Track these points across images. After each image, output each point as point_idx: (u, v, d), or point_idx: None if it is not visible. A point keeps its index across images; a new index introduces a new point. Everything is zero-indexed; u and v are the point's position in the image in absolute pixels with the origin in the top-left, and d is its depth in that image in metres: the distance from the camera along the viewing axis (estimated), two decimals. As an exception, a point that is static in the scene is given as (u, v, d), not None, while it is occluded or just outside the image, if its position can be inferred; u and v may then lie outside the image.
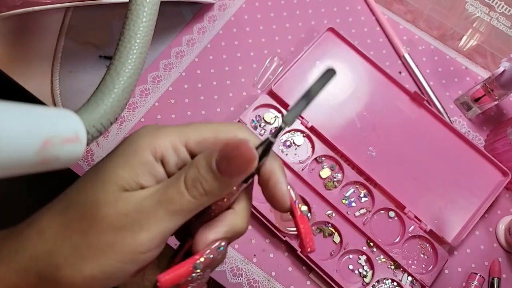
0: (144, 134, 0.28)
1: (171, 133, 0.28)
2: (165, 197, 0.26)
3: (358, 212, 0.54)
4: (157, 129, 0.28)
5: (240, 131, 0.29)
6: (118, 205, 0.26)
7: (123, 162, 0.27)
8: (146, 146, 0.27)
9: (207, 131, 0.28)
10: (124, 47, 0.32)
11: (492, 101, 0.56)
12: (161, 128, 0.28)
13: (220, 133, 0.28)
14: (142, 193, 0.27)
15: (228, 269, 0.53)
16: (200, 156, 0.27)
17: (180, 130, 0.28)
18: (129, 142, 0.28)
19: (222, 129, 0.28)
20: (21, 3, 0.46)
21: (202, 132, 0.28)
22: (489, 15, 0.60)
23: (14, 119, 0.23)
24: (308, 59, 0.59)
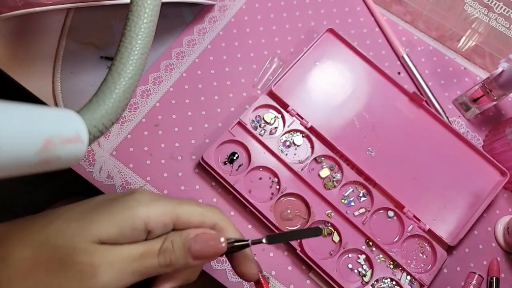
0: (142, 202, 0.30)
1: (166, 209, 0.31)
2: (139, 258, 0.30)
3: (357, 211, 0.55)
4: (155, 201, 0.31)
5: (221, 220, 0.34)
6: (94, 256, 0.28)
7: (116, 223, 0.29)
8: (142, 216, 0.30)
9: (196, 215, 0.32)
10: (125, 48, 0.33)
11: (491, 101, 0.57)
12: (157, 202, 0.31)
13: (206, 219, 0.33)
14: (119, 251, 0.29)
15: (229, 269, 0.53)
16: (177, 234, 0.32)
17: (173, 208, 0.31)
18: (125, 205, 0.30)
19: (208, 215, 0.33)
20: (23, 4, 0.47)
21: (191, 215, 0.32)
22: (488, 16, 0.60)
23: (15, 119, 0.23)
24: (308, 60, 0.60)
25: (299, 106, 0.58)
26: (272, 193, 0.55)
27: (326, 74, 0.60)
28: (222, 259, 0.53)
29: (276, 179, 0.55)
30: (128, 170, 0.56)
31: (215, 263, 0.53)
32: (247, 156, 0.56)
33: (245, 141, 0.56)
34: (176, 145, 0.57)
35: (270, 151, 0.56)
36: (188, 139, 0.58)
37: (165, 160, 0.57)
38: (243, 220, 0.55)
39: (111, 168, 0.56)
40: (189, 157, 0.57)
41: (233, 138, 0.56)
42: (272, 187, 0.55)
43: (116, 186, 0.55)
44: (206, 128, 0.58)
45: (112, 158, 0.56)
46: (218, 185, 0.56)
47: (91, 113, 0.31)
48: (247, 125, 0.56)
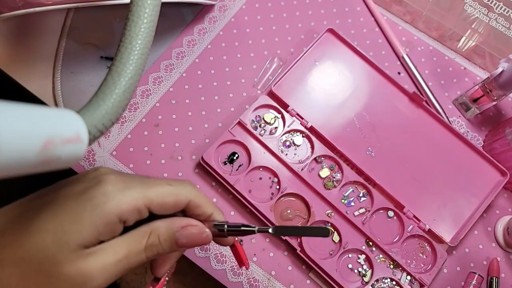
0: (110, 195, 0.29)
1: (136, 196, 0.30)
2: (125, 258, 0.30)
3: (357, 211, 0.55)
4: (124, 189, 0.30)
5: (195, 195, 0.33)
6: (80, 265, 0.28)
7: (90, 226, 0.29)
8: (114, 211, 0.29)
9: (168, 196, 0.32)
10: (125, 48, 0.33)
11: (491, 101, 0.57)
12: (127, 190, 0.30)
13: (180, 197, 0.33)
14: (104, 255, 0.29)
15: (229, 268, 0.53)
16: (162, 226, 0.32)
17: (144, 193, 0.31)
18: (93, 203, 0.29)
19: (181, 193, 0.33)
20: (23, 4, 0.47)
21: (164, 196, 0.32)
22: (488, 16, 0.60)
23: (15, 119, 0.23)
24: (308, 60, 0.60)
25: (299, 106, 0.58)
26: (272, 193, 0.55)
27: (326, 74, 0.60)
28: (222, 259, 0.53)
29: (276, 179, 0.55)
30: (128, 170, 0.56)
31: (215, 263, 0.53)
32: (247, 156, 0.56)
33: (245, 141, 0.56)
34: (176, 145, 0.57)
35: (270, 151, 0.56)
36: (188, 139, 0.58)
37: (165, 160, 0.57)
38: (243, 220, 0.55)
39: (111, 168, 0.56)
40: (189, 157, 0.57)
41: (233, 138, 0.56)
42: (272, 187, 0.55)
43: (116, 186, 0.55)
44: (206, 128, 0.58)
45: (112, 158, 0.56)
46: (218, 185, 0.56)
47: (91, 113, 0.31)
48: (247, 125, 0.56)
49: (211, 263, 0.53)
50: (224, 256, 0.54)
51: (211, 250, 0.54)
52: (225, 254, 0.54)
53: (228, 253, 0.54)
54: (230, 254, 0.54)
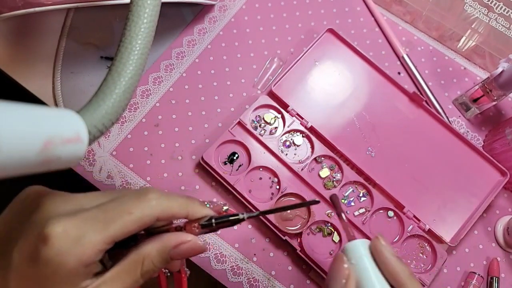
0: (64, 253, 0.27)
1: (96, 242, 0.28)
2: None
3: (357, 211, 0.55)
4: (78, 241, 0.27)
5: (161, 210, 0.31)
6: None
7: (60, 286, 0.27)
8: (76, 265, 0.27)
9: (131, 225, 0.29)
10: (125, 48, 0.33)
11: (491, 101, 0.57)
12: (82, 240, 0.27)
13: (145, 220, 0.30)
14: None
15: (229, 268, 0.53)
16: (154, 251, 0.31)
17: (103, 234, 0.28)
18: (52, 268, 0.27)
19: (144, 215, 0.30)
20: (23, 4, 0.47)
21: (126, 228, 0.29)
22: (488, 16, 0.60)
23: (15, 120, 0.23)
24: (308, 60, 0.60)
25: (299, 106, 0.58)
26: (272, 193, 0.55)
27: (326, 74, 0.60)
28: (222, 259, 0.53)
29: (276, 179, 0.55)
30: (128, 170, 0.56)
31: (215, 263, 0.53)
32: (247, 156, 0.56)
33: (245, 141, 0.56)
34: (176, 145, 0.57)
35: (270, 151, 0.56)
36: (188, 139, 0.58)
37: (165, 160, 0.57)
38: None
39: (111, 168, 0.56)
40: (189, 157, 0.57)
41: (233, 138, 0.56)
42: (272, 187, 0.55)
43: (116, 186, 0.55)
44: (206, 128, 0.58)
45: (112, 158, 0.56)
46: (218, 185, 0.56)
47: (91, 113, 0.31)
48: (247, 125, 0.56)
49: (211, 263, 0.53)
50: (224, 256, 0.54)
51: (211, 250, 0.54)
52: (225, 254, 0.54)
53: (228, 253, 0.54)
54: (230, 254, 0.54)
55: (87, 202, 0.30)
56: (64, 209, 0.29)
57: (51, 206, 0.29)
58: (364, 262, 0.34)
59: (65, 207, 0.29)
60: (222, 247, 0.54)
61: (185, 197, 0.33)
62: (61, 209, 0.29)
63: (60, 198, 0.30)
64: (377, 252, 0.34)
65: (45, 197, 0.29)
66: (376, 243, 0.34)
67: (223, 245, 0.54)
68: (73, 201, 0.30)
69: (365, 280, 0.33)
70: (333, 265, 0.34)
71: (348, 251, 0.35)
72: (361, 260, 0.34)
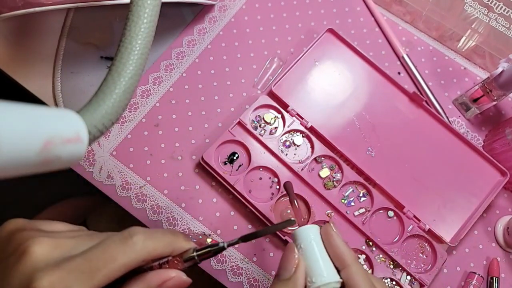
0: None
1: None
2: None
3: (357, 211, 0.55)
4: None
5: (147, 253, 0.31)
6: None
7: None
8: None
9: (118, 271, 0.29)
10: (125, 48, 0.33)
11: (491, 101, 0.57)
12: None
13: (131, 264, 0.30)
14: None
15: (229, 268, 0.53)
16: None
17: (90, 283, 0.28)
18: None
19: (131, 260, 0.30)
20: (23, 4, 0.47)
21: (113, 275, 0.29)
22: (488, 16, 0.60)
23: (15, 120, 0.23)
24: (308, 60, 0.60)
25: (299, 106, 0.58)
26: (272, 193, 0.55)
27: (326, 74, 0.60)
28: (222, 259, 0.53)
29: (276, 179, 0.55)
30: (128, 170, 0.56)
31: (215, 263, 0.53)
32: (247, 156, 0.56)
33: (245, 141, 0.56)
34: (176, 145, 0.57)
35: (270, 151, 0.56)
36: (188, 139, 0.58)
37: (165, 160, 0.57)
38: (243, 220, 0.55)
39: (111, 168, 0.56)
40: (189, 157, 0.57)
41: (233, 138, 0.56)
42: (272, 187, 0.55)
43: (116, 186, 0.55)
44: (206, 128, 0.58)
45: (112, 158, 0.56)
46: (218, 185, 0.56)
47: (91, 113, 0.31)
48: (247, 125, 0.56)
49: (211, 263, 0.53)
50: (224, 256, 0.54)
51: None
52: (225, 254, 0.54)
53: (228, 253, 0.54)
54: (230, 254, 0.54)
55: (74, 247, 0.30)
56: (51, 257, 0.28)
57: (38, 254, 0.28)
58: (312, 246, 0.36)
59: (52, 254, 0.28)
60: (222, 247, 0.54)
61: (169, 234, 0.33)
62: (48, 257, 0.28)
63: (47, 244, 0.29)
64: (327, 235, 0.36)
65: (31, 242, 0.28)
66: (327, 227, 0.36)
67: (223, 245, 0.54)
68: (60, 247, 0.29)
69: (312, 263, 0.35)
70: (284, 254, 0.36)
71: (298, 236, 0.37)
72: (310, 244, 0.36)
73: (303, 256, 0.36)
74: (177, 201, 0.55)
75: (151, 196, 0.55)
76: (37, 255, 0.28)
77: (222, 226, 0.55)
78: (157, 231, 0.32)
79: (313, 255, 0.35)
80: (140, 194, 0.55)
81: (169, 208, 0.55)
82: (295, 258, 0.35)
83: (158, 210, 0.55)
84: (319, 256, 0.35)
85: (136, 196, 0.55)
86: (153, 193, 0.55)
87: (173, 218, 0.55)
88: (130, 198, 0.55)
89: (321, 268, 0.35)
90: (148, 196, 0.55)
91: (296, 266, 0.34)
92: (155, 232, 0.32)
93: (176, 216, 0.55)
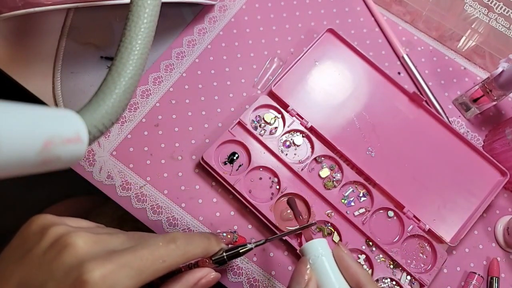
0: None
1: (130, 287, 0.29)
2: None
3: (357, 211, 0.55)
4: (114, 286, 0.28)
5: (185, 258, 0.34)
6: None
7: None
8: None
9: (161, 271, 0.32)
10: (125, 48, 0.33)
11: (491, 101, 0.57)
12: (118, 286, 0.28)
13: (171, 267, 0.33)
14: None
15: (229, 268, 0.53)
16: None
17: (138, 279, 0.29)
18: None
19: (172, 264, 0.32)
20: (22, 4, 0.47)
21: (158, 273, 0.31)
22: (488, 16, 0.60)
23: (15, 120, 0.23)
24: (308, 60, 0.60)
25: (299, 106, 0.58)
26: (272, 193, 0.55)
27: (326, 74, 0.60)
28: (222, 259, 0.53)
29: (276, 179, 0.55)
30: (128, 170, 0.56)
31: (215, 263, 0.53)
32: (247, 156, 0.56)
33: (245, 141, 0.56)
34: (176, 145, 0.57)
35: (270, 151, 0.56)
36: (188, 139, 0.58)
37: (165, 160, 0.57)
38: (243, 220, 0.55)
39: (111, 168, 0.56)
40: (189, 157, 0.57)
41: (233, 138, 0.56)
42: (272, 187, 0.55)
43: (116, 186, 0.55)
44: (206, 128, 0.58)
45: (112, 158, 0.56)
46: (218, 185, 0.56)
47: (91, 113, 0.31)
48: (247, 125, 0.56)
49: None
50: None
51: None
52: (225, 254, 0.54)
53: (228, 253, 0.54)
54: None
55: (114, 244, 0.31)
56: (94, 251, 0.29)
57: (82, 247, 0.29)
58: (322, 260, 0.36)
59: (94, 249, 0.29)
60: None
61: (205, 239, 0.37)
62: (91, 250, 0.29)
63: (89, 238, 0.30)
64: (338, 257, 0.37)
65: (74, 236, 0.29)
66: (338, 250, 0.37)
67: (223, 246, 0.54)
68: (101, 242, 0.30)
69: (324, 277, 0.36)
70: (296, 268, 0.37)
71: (307, 250, 0.38)
72: (319, 259, 0.37)
73: (314, 271, 0.36)
74: (177, 201, 0.55)
75: (151, 196, 0.55)
76: (81, 248, 0.29)
77: (222, 226, 0.55)
78: (194, 236, 0.36)
79: (324, 270, 0.36)
80: (140, 194, 0.55)
81: (169, 208, 0.55)
82: (307, 273, 0.36)
83: (158, 210, 0.55)
84: (329, 270, 0.36)
85: (136, 196, 0.55)
86: (153, 193, 0.55)
87: (173, 218, 0.55)
88: (130, 198, 0.55)
89: (333, 283, 0.35)
90: (148, 196, 0.55)
91: (308, 280, 0.36)
92: (194, 236, 0.35)
93: (176, 216, 0.55)
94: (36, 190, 0.68)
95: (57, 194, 0.69)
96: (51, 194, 0.69)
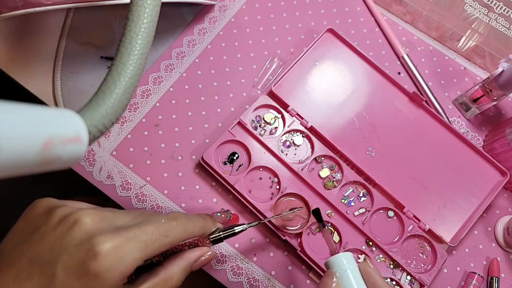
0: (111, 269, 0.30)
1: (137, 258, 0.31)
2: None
3: (357, 211, 0.55)
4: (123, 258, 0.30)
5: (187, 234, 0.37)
6: None
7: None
8: (119, 280, 0.31)
9: (164, 247, 0.34)
10: (125, 48, 0.33)
11: (491, 101, 0.57)
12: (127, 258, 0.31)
13: (173, 243, 0.35)
14: None
15: (229, 268, 0.53)
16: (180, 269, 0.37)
17: (143, 252, 0.32)
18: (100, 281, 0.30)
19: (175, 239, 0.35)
20: (23, 4, 0.47)
21: (162, 248, 0.34)
22: (488, 16, 0.60)
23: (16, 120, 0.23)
24: (308, 60, 0.60)
25: (299, 106, 0.58)
26: (272, 193, 0.55)
27: (326, 74, 0.60)
28: (222, 259, 0.53)
29: (276, 179, 0.55)
30: (128, 170, 0.56)
31: (215, 263, 0.53)
32: (247, 156, 0.56)
33: (245, 141, 0.56)
34: (176, 145, 0.57)
35: (270, 151, 0.56)
36: (188, 139, 0.58)
37: (165, 160, 0.57)
38: (243, 220, 0.55)
39: (111, 168, 0.56)
40: (189, 157, 0.57)
41: (233, 138, 0.56)
42: (272, 187, 0.55)
43: (116, 186, 0.55)
44: (206, 128, 0.58)
45: (112, 158, 0.56)
46: (218, 185, 0.56)
47: (91, 113, 0.31)
48: (247, 125, 0.56)
49: (211, 263, 0.53)
50: (224, 256, 0.54)
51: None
52: (225, 254, 0.54)
53: (228, 253, 0.54)
54: (230, 254, 0.54)
55: (119, 221, 0.33)
56: (102, 227, 0.32)
57: (90, 223, 0.31)
58: (347, 274, 0.37)
59: (101, 225, 0.32)
60: (222, 247, 0.54)
61: (201, 218, 0.40)
62: (99, 226, 0.31)
63: (96, 215, 0.32)
64: (365, 272, 0.37)
65: (81, 213, 0.31)
66: (365, 265, 0.38)
67: (223, 245, 0.54)
68: (107, 219, 0.33)
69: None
70: (322, 280, 0.37)
71: (332, 264, 0.38)
72: (345, 273, 0.37)
73: (339, 285, 0.36)
74: (177, 201, 0.55)
75: (151, 196, 0.55)
76: (89, 224, 0.31)
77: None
78: (193, 215, 0.39)
79: (349, 283, 0.36)
80: (140, 194, 0.55)
81: (169, 208, 0.55)
82: (333, 286, 0.37)
83: (158, 210, 0.55)
84: (355, 284, 0.36)
85: (136, 196, 0.55)
86: (153, 193, 0.55)
87: (173, 218, 0.55)
88: (130, 198, 0.55)
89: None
90: (148, 196, 0.55)
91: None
92: (192, 216, 0.39)
93: (176, 216, 0.55)
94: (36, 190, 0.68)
95: (57, 194, 0.69)
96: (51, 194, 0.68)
